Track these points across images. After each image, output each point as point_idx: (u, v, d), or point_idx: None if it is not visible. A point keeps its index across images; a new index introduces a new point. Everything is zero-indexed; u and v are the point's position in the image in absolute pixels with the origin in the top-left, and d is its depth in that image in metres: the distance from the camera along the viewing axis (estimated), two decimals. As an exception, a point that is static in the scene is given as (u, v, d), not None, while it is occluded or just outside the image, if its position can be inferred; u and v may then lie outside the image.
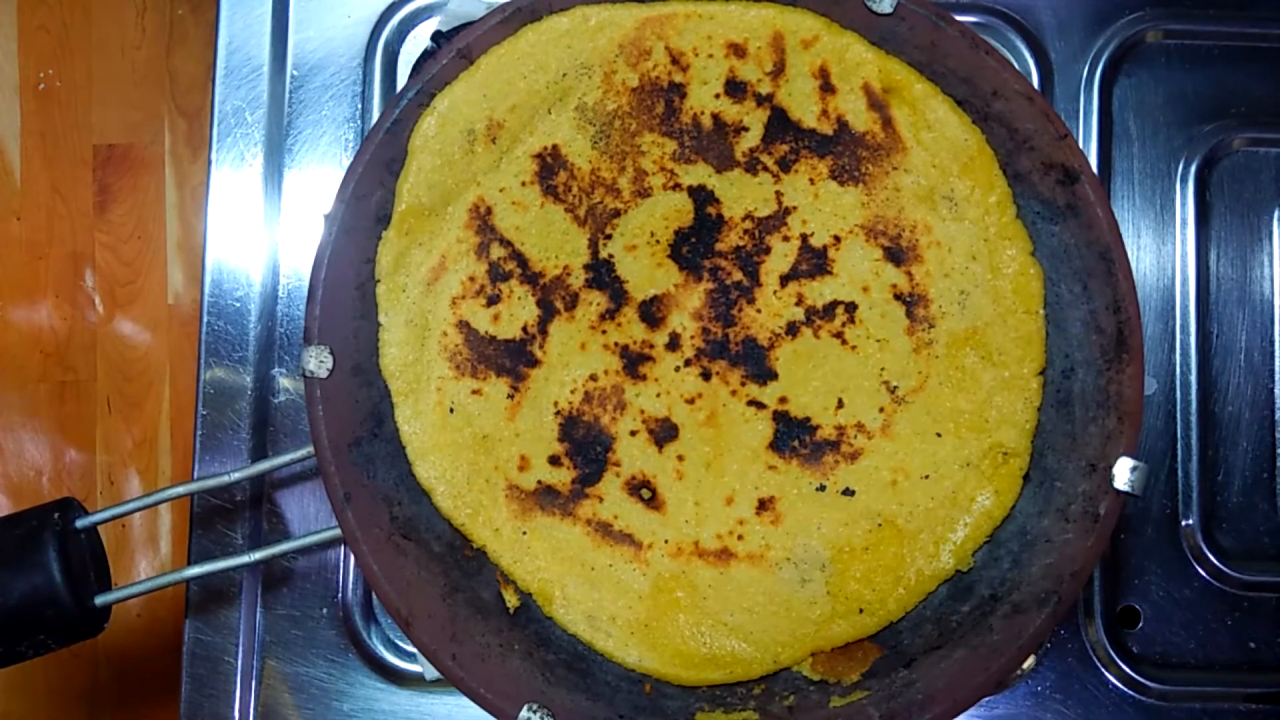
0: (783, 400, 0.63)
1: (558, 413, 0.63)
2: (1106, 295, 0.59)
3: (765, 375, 0.63)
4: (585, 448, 0.63)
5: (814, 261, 0.63)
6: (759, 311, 0.63)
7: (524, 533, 0.62)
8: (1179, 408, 0.74)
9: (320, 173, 0.76)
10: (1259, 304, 0.75)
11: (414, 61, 0.76)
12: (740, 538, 0.62)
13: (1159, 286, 0.74)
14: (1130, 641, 0.73)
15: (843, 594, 0.61)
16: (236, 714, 0.72)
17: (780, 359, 0.63)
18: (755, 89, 0.64)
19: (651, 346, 0.63)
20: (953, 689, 0.57)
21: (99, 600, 0.60)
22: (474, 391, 0.63)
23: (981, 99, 0.62)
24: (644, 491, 0.62)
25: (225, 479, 0.63)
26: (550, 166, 0.63)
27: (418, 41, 0.77)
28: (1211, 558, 0.73)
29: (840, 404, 0.63)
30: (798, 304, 0.63)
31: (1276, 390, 0.74)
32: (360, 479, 0.60)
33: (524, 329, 0.63)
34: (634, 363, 0.63)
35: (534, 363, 0.63)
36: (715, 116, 0.64)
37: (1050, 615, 0.57)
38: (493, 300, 0.63)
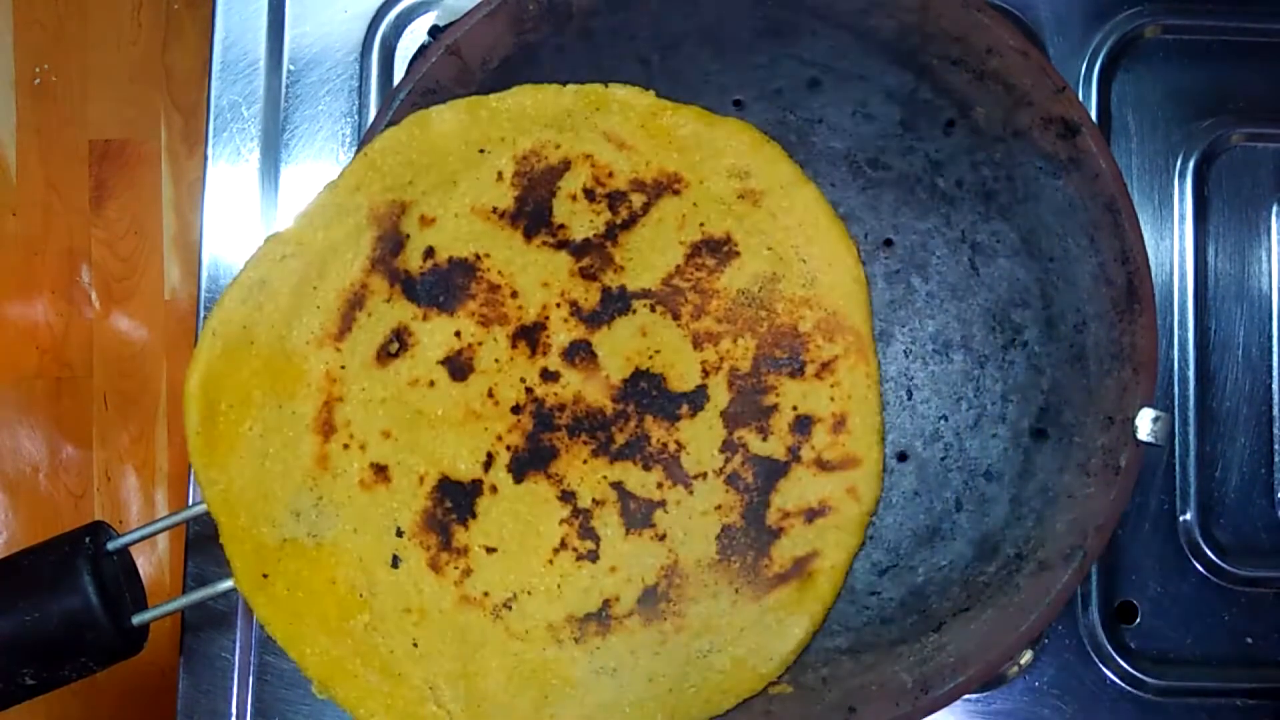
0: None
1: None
2: (1115, 247, 0.58)
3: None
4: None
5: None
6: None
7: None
8: (1176, 403, 0.74)
9: (317, 168, 0.76)
10: (1257, 299, 0.75)
11: (411, 56, 0.76)
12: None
13: (1156, 282, 0.74)
14: (1128, 637, 0.73)
15: None
16: (234, 710, 0.71)
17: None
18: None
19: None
20: (984, 650, 0.56)
21: (136, 620, 0.60)
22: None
23: (976, 57, 0.61)
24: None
25: None
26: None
27: (415, 36, 0.77)
28: (1209, 553, 0.73)
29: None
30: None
31: (1274, 386, 0.74)
32: None
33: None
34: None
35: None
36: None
37: (1076, 571, 0.56)
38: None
